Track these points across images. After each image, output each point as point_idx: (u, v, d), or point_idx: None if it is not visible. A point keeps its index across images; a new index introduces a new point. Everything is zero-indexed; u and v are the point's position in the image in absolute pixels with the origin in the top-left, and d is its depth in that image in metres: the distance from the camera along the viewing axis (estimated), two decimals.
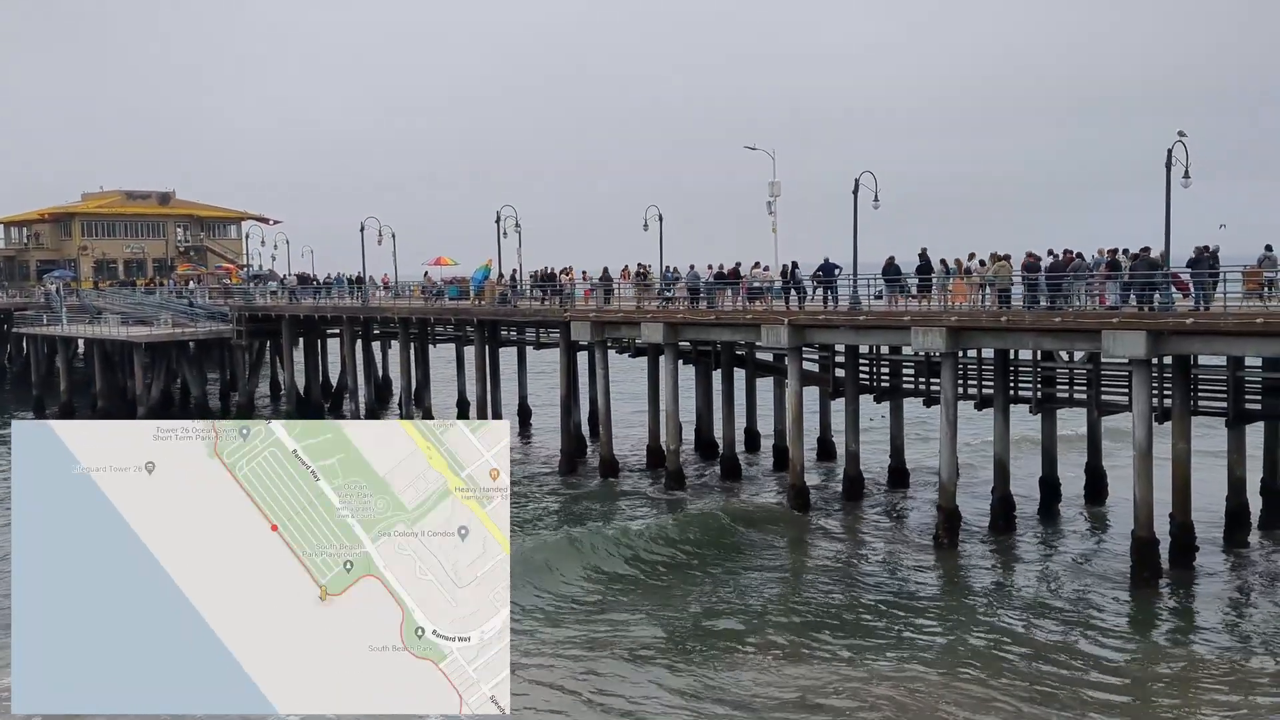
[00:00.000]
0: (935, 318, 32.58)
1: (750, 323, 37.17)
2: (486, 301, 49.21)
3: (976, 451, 42.57)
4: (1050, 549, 32.82)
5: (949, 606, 27.81)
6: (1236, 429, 32.43)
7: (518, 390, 56.38)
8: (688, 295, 41.58)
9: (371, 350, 62.14)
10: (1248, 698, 21.58)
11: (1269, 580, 29.35)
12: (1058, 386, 36.67)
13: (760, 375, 46.34)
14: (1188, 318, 28.47)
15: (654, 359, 42.80)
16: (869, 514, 36.94)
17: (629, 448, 46.70)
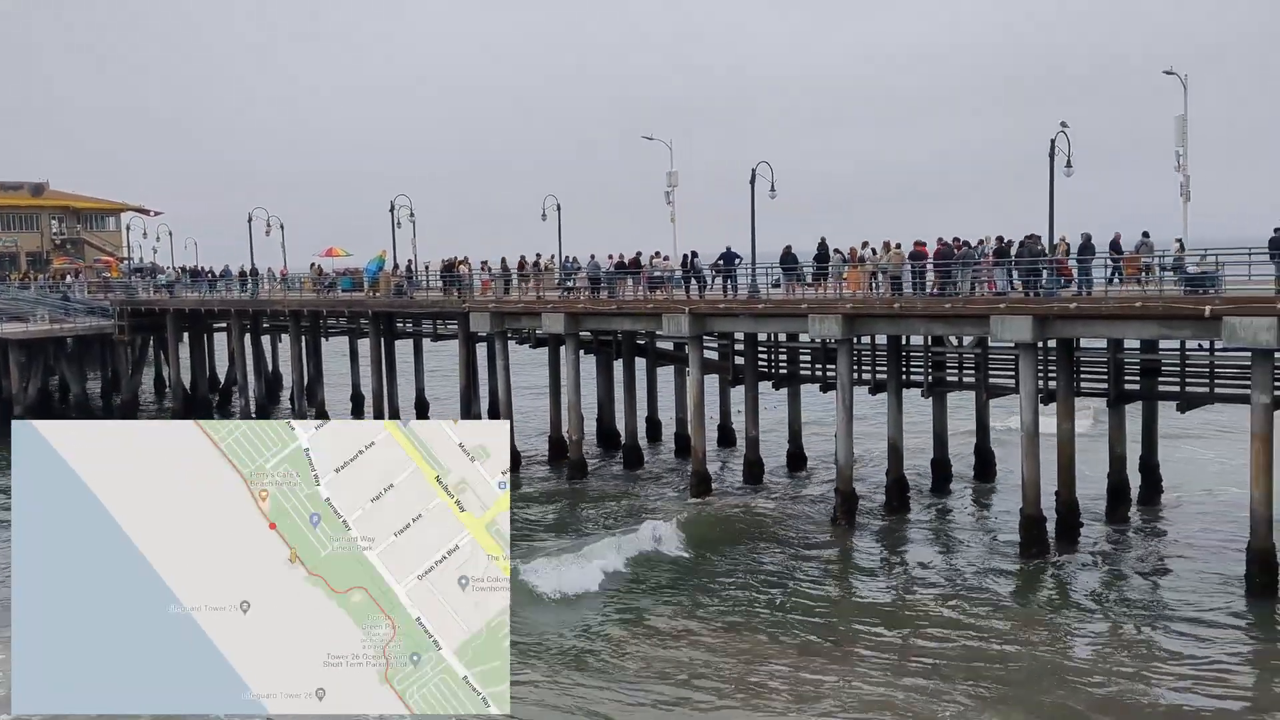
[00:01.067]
0: (831, 305, 33.30)
1: (651, 312, 37.46)
2: (381, 293, 48.55)
3: (874, 438, 43.66)
4: (942, 527, 33.88)
5: (844, 584, 28.57)
6: (1117, 409, 33.94)
7: (415, 383, 55.76)
8: (588, 285, 41.67)
9: (261, 344, 60.70)
10: (1124, 664, 22.68)
11: (1146, 553, 30.77)
12: (948, 371, 37.84)
13: (661, 364, 46.74)
14: (1071, 302, 29.66)
15: (555, 349, 42.82)
16: (769, 498, 37.59)
17: (531, 439, 46.61)
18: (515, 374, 44.26)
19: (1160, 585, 27.92)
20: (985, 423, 39.07)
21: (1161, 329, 28.43)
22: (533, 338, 46.76)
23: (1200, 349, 32.63)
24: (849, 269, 35.82)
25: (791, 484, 39.58)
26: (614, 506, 37.23)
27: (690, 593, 28.17)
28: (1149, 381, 34.04)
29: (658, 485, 40.04)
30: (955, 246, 33.76)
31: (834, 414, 34.96)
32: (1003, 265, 32.77)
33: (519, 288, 45.50)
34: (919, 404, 38.74)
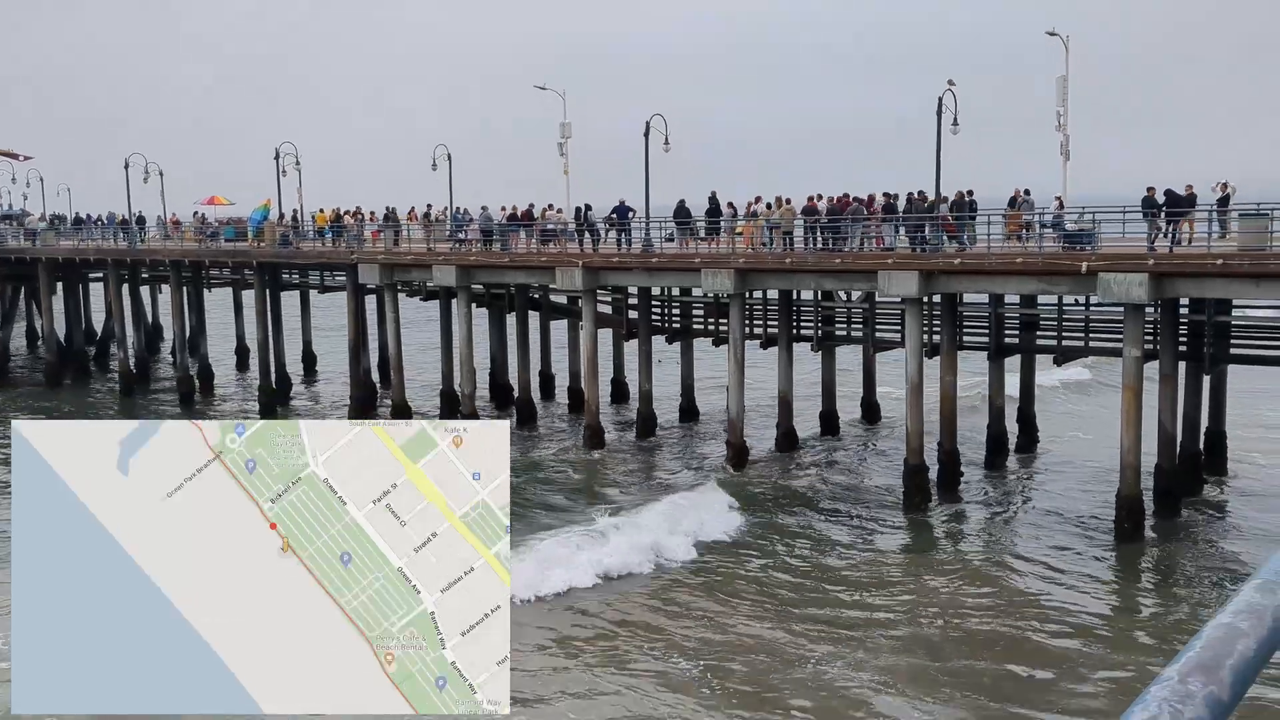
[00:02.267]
0: (724, 260, 33.48)
1: (544, 265, 37.17)
2: (266, 243, 47.18)
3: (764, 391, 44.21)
4: (830, 477, 34.57)
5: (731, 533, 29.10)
6: (997, 362, 34.97)
7: (302, 336, 54.54)
8: (480, 237, 41.13)
9: (140, 296, 58.51)
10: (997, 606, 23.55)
11: (1024, 499, 31.87)
12: (837, 325, 38.47)
13: (555, 318, 46.50)
14: (956, 258, 30.33)
15: (446, 302, 42.26)
16: (662, 450, 37.88)
17: (422, 393, 46.03)
18: (405, 328, 43.63)
19: (1034, 531, 28.96)
20: (872, 376, 39.89)
21: (1041, 285, 29.29)
22: (423, 290, 46.04)
23: (1077, 304, 33.73)
24: (742, 224, 36.02)
25: (684, 437, 39.91)
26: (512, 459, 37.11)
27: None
28: (1028, 335, 35.11)
29: (552, 440, 40.01)
30: (844, 203, 34.19)
31: (726, 368, 35.27)
32: (891, 222, 33.32)
33: (409, 239, 44.67)
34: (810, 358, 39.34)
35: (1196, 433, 32.35)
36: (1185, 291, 27.85)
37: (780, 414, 35.69)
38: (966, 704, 18.94)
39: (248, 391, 50.64)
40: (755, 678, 20.13)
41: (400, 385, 42.15)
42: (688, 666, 20.65)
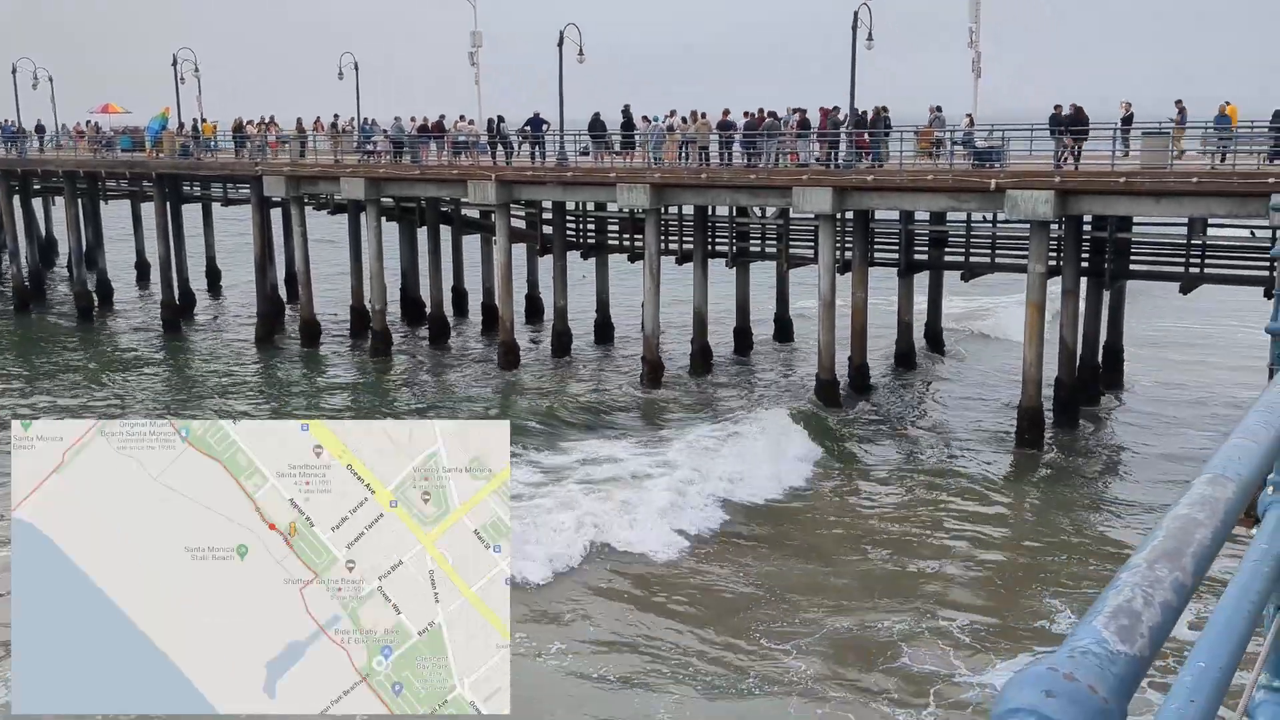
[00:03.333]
0: (639, 175, 33.27)
1: (456, 178, 36.54)
2: (166, 154, 45.50)
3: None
4: (744, 390, 35.05)
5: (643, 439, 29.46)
6: (906, 278, 35.57)
7: (205, 251, 53.02)
8: (390, 149, 40.20)
9: (32, 207, 56.13)
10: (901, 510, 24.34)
11: (928, 410, 32.71)
12: (751, 241, 38.66)
13: (467, 232, 45.83)
14: (868, 175, 30.60)
15: (355, 216, 41.36)
16: (577, 367, 37.95)
17: (331, 310, 45.18)
18: (313, 242, 42.72)
19: (938, 439, 29.81)
20: (785, 291, 40.28)
21: (950, 202, 29.75)
22: (331, 204, 44.95)
23: (985, 221, 34.36)
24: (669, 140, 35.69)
25: (599, 354, 40.00)
26: (425, 380, 36.90)
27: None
28: (937, 252, 35.73)
29: (465, 359, 39.79)
30: (760, 118, 34.12)
31: (641, 284, 35.27)
32: (805, 137, 33.39)
33: (315, 151, 43.47)
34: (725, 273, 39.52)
35: (1096, 347, 33.44)
36: (1089, 209, 28.53)
37: (695, 330, 35.91)
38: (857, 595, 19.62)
39: (149, 308, 49.21)
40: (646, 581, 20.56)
41: (309, 301, 41.35)
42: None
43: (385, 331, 39.61)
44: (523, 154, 38.32)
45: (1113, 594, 1.31)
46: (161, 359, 41.00)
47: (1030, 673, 1.13)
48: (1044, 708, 1.07)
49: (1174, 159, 27.80)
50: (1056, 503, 25.28)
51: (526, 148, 38.10)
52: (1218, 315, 42.52)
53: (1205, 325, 42.63)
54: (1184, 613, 1.38)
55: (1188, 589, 1.38)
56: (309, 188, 40.64)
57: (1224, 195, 25.96)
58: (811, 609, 19.55)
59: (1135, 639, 1.22)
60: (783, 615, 19.27)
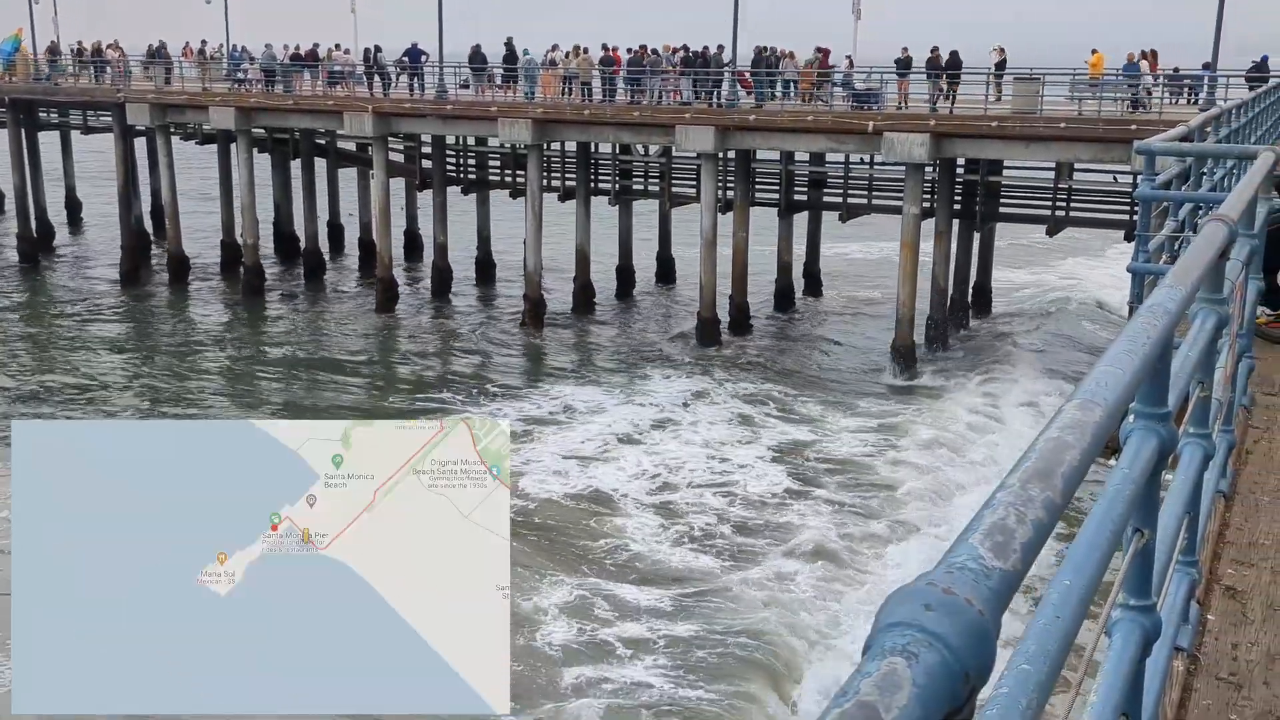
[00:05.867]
0: (521, 110, 32.80)
1: (332, 110, 35.45)
2: (19, 78, 42.99)
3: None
4: (624, 327, 35.18)
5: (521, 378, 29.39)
6: (786, 218, 36.00)
7: (64, 182, 50.49)
8: (261, 78, 38.74)
9: None
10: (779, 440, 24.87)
11: (806, 347, 33.30)
12: (634, 179, 38.57)
13: (343, 166, 44.64)
14: (750, 114, 30.74)
15: (224, 147, 39.86)
16: (458, 304, 37.51)
17: (200, 244, 43.54)
18: (180, 173, 41.06)
19: (814, 375, 30.40)
20: (668, 231, 40.37)
21: (829, 143, 30.13)
22: (200, 134, 43.22)
23: (861, 162, 34.91)
24: (543, 73, 35.23)
25: (481, 291, 39.59)
26: (295, 320, 35.99)
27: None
28: (816, 192, 36.21)
29: (342, 297, 38.96)
30: (643, 54, 33.89)
31: (524, 220, 34.91)
32: (688, 75, 33.31)
33: (182, 78, 41.63)
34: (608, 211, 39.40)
35: (966, 286, 34.48)
36: (962, 152, 29.25)
37: (578, 268, 35.78)
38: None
39: (4, 241, 46.75)
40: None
41: (176, 235, 39.81)
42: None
43: (257, 268, 38.44)
44: (401, 86, 37.37)
45: (988, 512, 1.35)
46: (15, 302, 38.44)
47: (910, 588, 1.16)
48: (923, 620, 1.10)
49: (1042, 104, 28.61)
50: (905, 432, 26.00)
51: (405, 79, 37.15)
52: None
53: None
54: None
55: (1058, 507, 1.44)
56: (175, 117, 38.98)
57: (1090, 141, 26.87)
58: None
59: (1009, 555, 1.27)
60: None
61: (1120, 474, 2.20)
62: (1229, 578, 4.19)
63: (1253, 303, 5.68)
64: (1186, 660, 3.66)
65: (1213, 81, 29.59)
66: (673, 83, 33.46)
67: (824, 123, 29.66)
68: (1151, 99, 29.99)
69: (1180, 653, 3.63)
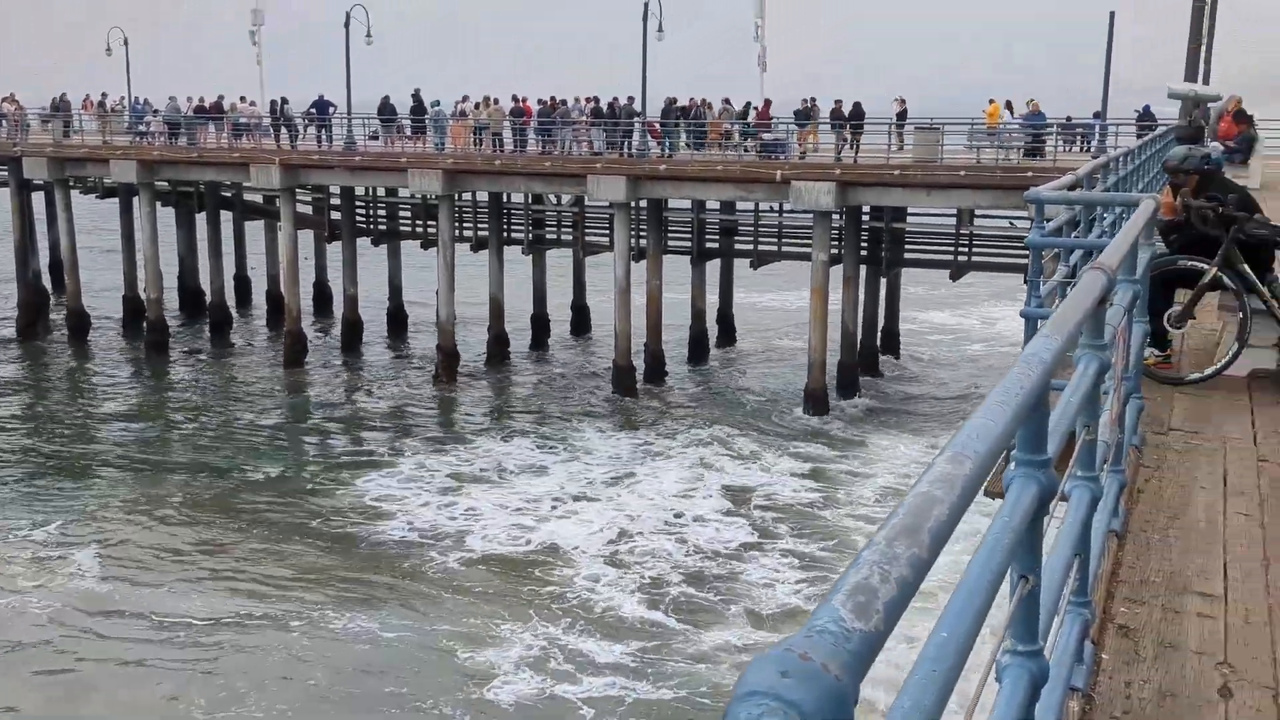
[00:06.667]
0: (432, 160, 32.73)
1: (238, 162, 34.97)
2: None
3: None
4: (540, 378, 35.05)
5: (444, 434, 29.06)
6: (699, 266, 36.34)
7: None
8: (165, 131, 38.09)
9: None
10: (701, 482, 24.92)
11: (720, 391, 33.51)
12: (547, 229, 38.64)
13: (250, 218, 43.90)
14: (661, 164, 31.09)
15: (127, 201, 39.02)
16: (370, 357, 37.03)
17: (103, 300, 42.35)
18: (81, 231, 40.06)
19: (730, 417, 30.56)
20: (582, 279, 40.44)
21: (739, 192, 30.59)
22: (100, 187, 42.23)
23: (771, 210, 35.48)
24: (453, 124, 35.22)
25: (392, 343, 39.16)
26: (200, 377, 35.15)
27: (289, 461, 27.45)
28: (728, 240, 36.66)
29: (249, 352, 38.20)
30: (553, 105, 34.13)
31: (435, 271, 34.68)
32: (599, 126, 33.62)
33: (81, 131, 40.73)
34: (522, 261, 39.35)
35: (874, 330, 35.10)
36: (867, 199, 29.91)
37: (492, 318, 35.62)
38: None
39: None
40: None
41: (76, 290, 38.73)
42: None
43: (161, 323, 37.53)
44: (309, 137, 37.05)
45: (852, 572, 1.35)
46: None
47: (769, 655, 1.15)
48: (779, 688, 1.09)
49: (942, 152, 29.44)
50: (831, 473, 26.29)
51: (313, 131, 36.85)
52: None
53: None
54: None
55: (925, 563, 1.44)
56: (75, 170, 38.06)
57: (988, 188, 27.70)
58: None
59: (870, 615, 1.26)
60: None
61: (1000, 522, 2.23)
62: (1122, 616, 4.27)
63: (1139, 346, 5.87)
64: (1082, 700, 3.71)
65: (1103, 130, 30.76)
66: (584, 133, 33.73)
67: (733, 172, 30.12)
68: (1046, 146, 31.06)
69: (1075, 693, 3.68)
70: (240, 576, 20.37)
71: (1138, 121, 31.44)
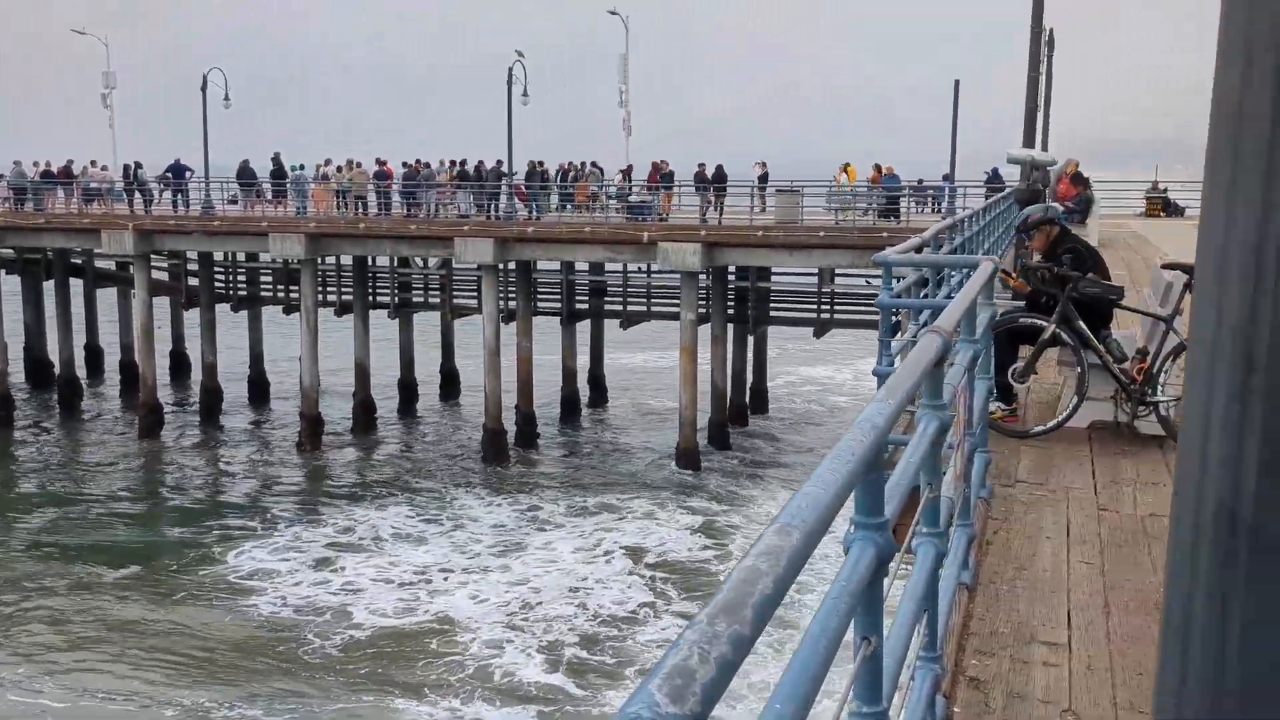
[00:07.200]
0: (293, 224, 32.16)
1: (88, 228, 33.74)
2: None
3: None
4: (409, 443, 34.45)
5: (310, 504, 28.27)
6: (569, 327, 36.41)
7: None
8: (11, 196, 36.53)
9: None
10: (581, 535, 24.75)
11: (593, 451, 33.48)
12: (414, 292, 38.24)
13: (102, 286, 42.26)
14: (528, 226, 31.18)
15: None
16: (230, 426, 35.85)
17: None
18: None
19: (608, 479, 30.52)
20: (450, 342, 40.07)
21: (607, 252, 30.86)
22: None
23: (640, 271, 35.87)
24: (315, 187, 34.73)
25: (254, 411, 38.00)
26: (49, 452, 33.49)
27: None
28: (597, 301, 36.87)
29: (101, 424, 36.57)
30: (418, 168, 34.00)
31: (299, 336, 33.93)
32: (465, 189, 33.60)
33: None
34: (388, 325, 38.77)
35: (743, 387, 35.63)
36: (732, 260, 30.51)
37: (357, 383, 34.93)
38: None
39: None
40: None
41: None
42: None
43: (6, 396, 35.73)
44: (164, 202, 36.02)
45: (671, 654, 1.35)
46: None
47: None
48: None
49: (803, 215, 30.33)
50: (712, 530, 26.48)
51: (168, 196, 35.85)
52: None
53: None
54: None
55: (747, 640, 1.44)
56: None
57: (846, 248, 28.57)
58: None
59: (687, 699, 1.26)
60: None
61: (838, 586, 2.26)
62: (973, 668, 4.37)
63: (982, 403, 6.09)
64: None
65: (952, 192, 32.12)
66: (449, 196, 33.65)
67: (601, 234, 30.41)
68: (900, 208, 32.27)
69: None
70: (100, 669, 19.21)
71: (987, 184, 32.94)
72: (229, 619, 21.33)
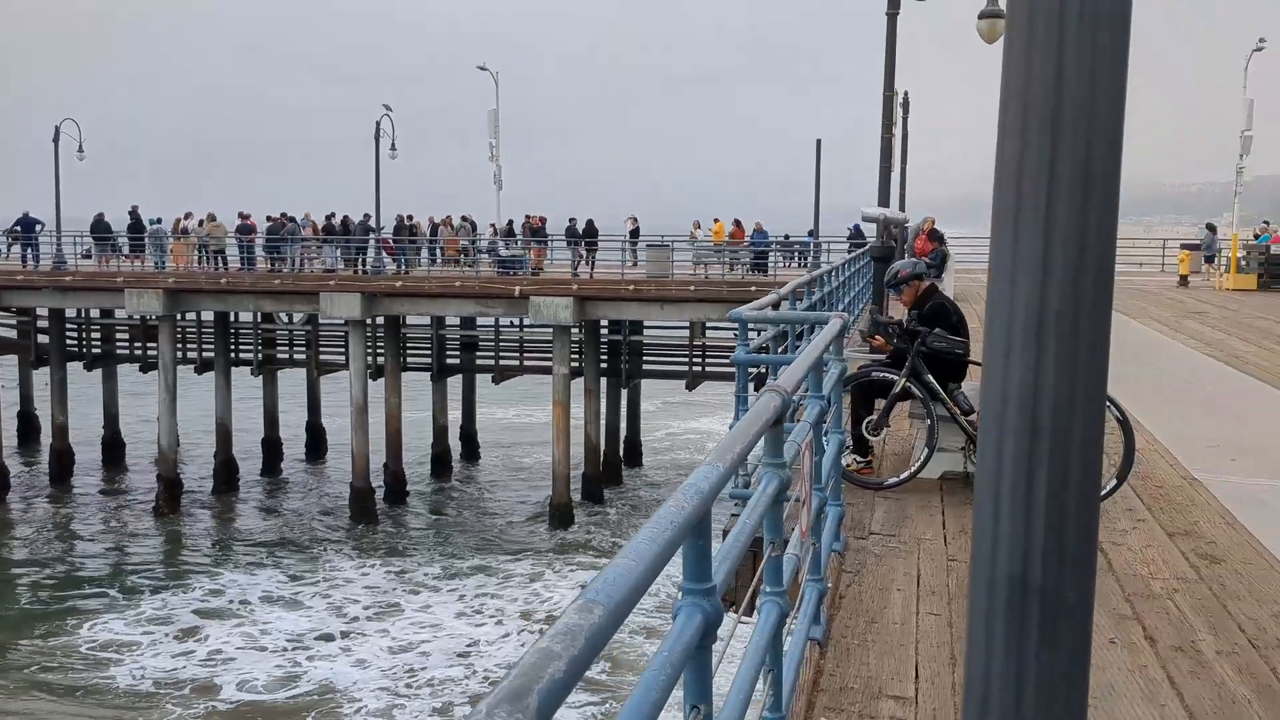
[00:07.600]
0: (151, 280, 31.13)
1: None
2: None
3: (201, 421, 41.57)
4: (274, 504, 33.38)
5: (169, 571, 27.10)
6: (440, 382, 35.94)
7: None
8: None
9: None
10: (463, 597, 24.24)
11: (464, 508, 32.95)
12: (279, 348, 37.28)
13: None
14: (397, 280, 30.79)
15: None
16: (82, 490, 34.19)
17: None
18: None
19: (476, 534, 30.05)
20: (317, 399, 39.12)
21: (479, 307, 30.66)
22: None
23: (512, 325, 35.71)
24: (174, 242, 33.72)
25: (108, 474, 36.33)
26: None
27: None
28: (468, 355, 36.52)
29: None
30: (282, 222, 33.34)
31: (156, 395, 32.66)
32: (331, 242, 33.05)
33: None
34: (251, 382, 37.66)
35: (617, 440, 35.63)
36: (604, 314, 30.63)
37: (219, 443, 33.77)
38: None
39: None
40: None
41: None
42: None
43: None
44: (12, 256, 34.46)
45: None
46: None
47: None
48: None
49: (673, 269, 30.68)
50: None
51: (17, 250, 34.33)
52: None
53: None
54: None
55: None
56: None
57: (716, 301, 28.96)
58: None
59: None
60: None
61: (659, 658, 2.22)
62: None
63: (833, 457, 6.17)
64: None
65: (816, 247, 32.95)
66: (314, 250, 33.04)
67: (471, 288, 30.20)
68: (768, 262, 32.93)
69: None
70: None
71: (850, 240, 33.92)
72: (80, 695, 20.18)
